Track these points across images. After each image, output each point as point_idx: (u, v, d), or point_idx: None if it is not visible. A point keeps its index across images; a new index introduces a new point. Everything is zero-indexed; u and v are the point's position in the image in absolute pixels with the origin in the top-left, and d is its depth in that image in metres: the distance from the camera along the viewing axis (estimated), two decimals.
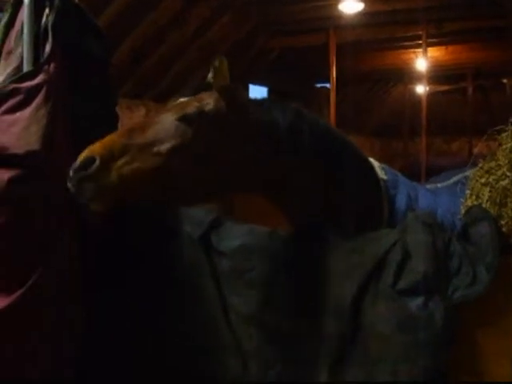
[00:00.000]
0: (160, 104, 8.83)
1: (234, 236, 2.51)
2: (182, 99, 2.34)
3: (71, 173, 2.04)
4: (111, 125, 2.59)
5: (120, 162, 2.10)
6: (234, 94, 2.32)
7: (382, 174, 2.70)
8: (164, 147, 2.16)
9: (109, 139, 2.16)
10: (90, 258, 2.40)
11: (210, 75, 2.44)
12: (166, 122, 2.22)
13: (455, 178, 2.95)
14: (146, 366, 2.47)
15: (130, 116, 8.37)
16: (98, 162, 2.05)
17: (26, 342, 2.15)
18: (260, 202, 2.53)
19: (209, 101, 2.30)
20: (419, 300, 2.13)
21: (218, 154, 2.26)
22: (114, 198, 2.15)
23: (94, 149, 2.10)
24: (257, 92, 13.11)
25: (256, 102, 2.46)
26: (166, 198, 2.31)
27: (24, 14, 2.21)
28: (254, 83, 12.55)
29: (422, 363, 2.11)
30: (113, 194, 2.12)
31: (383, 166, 2.80)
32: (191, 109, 2.25)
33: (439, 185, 3.02)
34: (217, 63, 2.32)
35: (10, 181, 2.02)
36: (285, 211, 2.53)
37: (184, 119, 2.21)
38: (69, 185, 2.05)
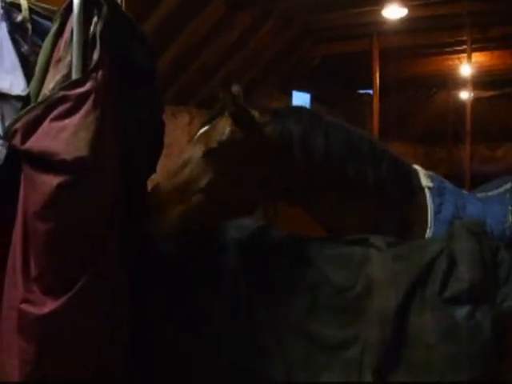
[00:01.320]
0: (203, 111, 8.91)
1: (279, 244, 2.51)
2: (201, 130, 2.50)
3: None
4: (158, 132, 2.62)
5: (169, 210, 2.42)
6: (245, 116, 2.43)
7: (427, 182, 2.66)
8: (201, 184, 2.40)
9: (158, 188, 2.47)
10: (138, 264, 2.44)
11: (234, 88, 2.67)
12: (195, 160, 2.43)
13: (507, 186, 2.87)
14: (185, 368, 2.48)
15: (174, 122, 8.45)
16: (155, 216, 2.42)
17: (73, 345, 2.18)
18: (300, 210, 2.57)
19: (224, 128, 2.44)
20: (465, 309, 2.10)
21: (246, 172, 2.43)
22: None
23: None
24: (300, 99, 13.11)
25: (272, 111, 2.53)
26: (215, 221, 2.53)
27: (73, 23, 2.24)
28: (297, 90, 12.54)
29: (468, 374, 2.08)
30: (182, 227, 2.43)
31: (430, 173, 2.76)
32: (212, 142, 2.42)
33: (490, 193, 2.95)
34: (221, 96, 2.47)
35: (59, 186, 2.06)
36: (317, 218, 2.57)
37: (208, 156, 2.40)
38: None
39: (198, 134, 2.51)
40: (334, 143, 2.45)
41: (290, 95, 12.05)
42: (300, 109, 2.63)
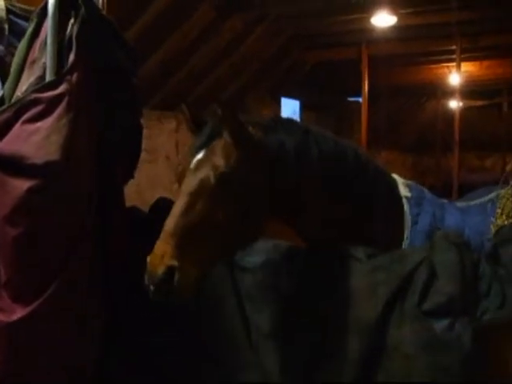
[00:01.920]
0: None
1: (258, 252, 2.47)
2: (198, 157, 2.28)
3: (153, 288, 2.06)
4: (136, 136, 2.58)
5: (193, 252, 2.12)
6: (244, 134, 2.30)
7: (405, 192, 2.63)
8: (219, 214, 2.18)
9: (169, 234, 2.12)
10: (112, 267, 2.39)
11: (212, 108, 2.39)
12: (206, 190, 2.19)
13: (491, 196, 2.84)
14: (165, 379, 2.44)
15: (160, 128, 8.41)
16: (178, 272, 2.06)
17: (44, 353, 2.14)
18: (277, 222, 2.50)
19: (227, 149, 2.26)
20: (445, 322, 2.07)
21: (253, 193, 2.27)
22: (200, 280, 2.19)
23: (165, 253, 2.08)
24: (289, 106, 13.13)
25: (264, 125, 2.41)
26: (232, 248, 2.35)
27: (48, 24, 2.20)
28: (287, 97, 12.55)
29: None
30: (199, 280, 2.17)
31: (408, 182, 2.72)
32: (219, 168, 2.22)
33: (472, 203, 2.92)
34: (221, 114, 2.26)
35: (29, 190, 2.01)
36: (299, 230, 2.50)
37: (221, 181, 2.21)
38: (154, 296, 2.09)
39: (194, 161, 2.28)
40: (324, 154, 2.40)
41: (279, 102, 12.04)
42: (290, 121, 2.56)
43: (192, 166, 2.27)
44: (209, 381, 2.41)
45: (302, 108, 13.58)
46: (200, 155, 2.27)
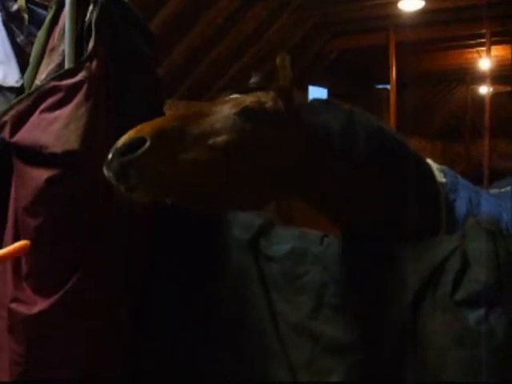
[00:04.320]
0: None
1: (285, 240, 2.42)
2: (235, 95, 2.15)
3: (112, 155, 1.75)
4: None
5: (173, 148, 1.83)
6: (293, 96, 2.15)
7: (440, 177, 2.54)
8: (221, 140, 1.92)
9: (160, 121, 1.91)
10: (136, 261, 2.35)
11: (253, 79, 2.31)
12: (224, 114, 1.99)
13: None
14: (192, 373, 2.41)
15: None
16: (148, 143, 1.77)
17: (66, 344, 2.12)
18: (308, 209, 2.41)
19: (267, 99, 2.11)
20: (479, 312, 1.99)
21: (273, 157, 2.07)
22: (161, 190, 1.88)
23: (144, 129, 1.83)
24: (316, 93, 13.05)
25: (307, 105, 2.30)
26: (217, 200, 2.08)
27: (66, 10, 2.16)
28: (314, 84, 12.45)
29: (482, 380, 1.97)
30: (161, 184, 1.86)
31: (443, 167, 2.64)
32: (251, 104, 2.04)
33: (503, 189, 2.84)
34: (279, 60, 2.10)
35: (48, 181, 1.98)
36: (335, 218, 2.39)
37: (243, 114, 1.99)
38: (106, 169, 1.76)
39: (230, 96, 2.13)
40: (370, 137, 2.29)
41: (307, 90, 11.95)
42: (333, 103, 2.43)
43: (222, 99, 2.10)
44: (233, 372, 2.37)
45: (330, 96, 13.48)
46: (235, 95, 2.13)
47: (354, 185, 2.27)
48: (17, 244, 1.45)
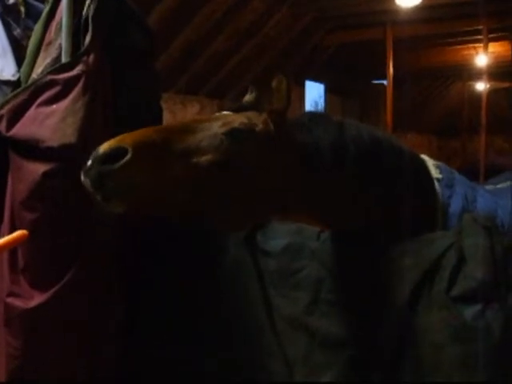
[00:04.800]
0: (214, 100, 8.82)
1: (282, 235, 2.43)
2: (225, 112, 2.12)
3: (91, 162, 1.72)
4: (155, 118, 2.52)
5: (154, 163, 1.79)
6: (285, 120, 2.12)
7: (436, 173, 2.54)
8: (205, 160, 1.88)
9: (144, 133, 1.85)
10: (130, 256, 2.35)
11: (248, 97, 2.25)
12: (211, 132, 1.94)
13: None
14: (187, 369, 2.41)
15: (183, 111, 8.37)
16: (130, 155, 1.73)
17: (62, 340, 2.11)
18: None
19: (258, 121, 2.06)
20: (475, 308, 1.99)
21: (260, 177, 2.04)
22: (137, 203, 1.83)
23: (125, 139, 1.79)
24: (313, 88, 13.05)
25: (297, 121, 2.25)
26: (197, 217, 2.04)
27: (63, 4, 2.15)
28: (311, 80, 12.44)
29: (478, 375, 1.98)
30: (138, 198, 1.80)
31: (439, 163, 2.63)
32: (240, 125, 2.00)
33: (499, 185, 2.84)
34: (275, 83, 2.04)
35: (45, 175, 1.98)
36: (330, 224, 2.37)
37: (231, 135, 1.95)
38: (83, 175, 1.73)
39: (222, 113, 2.10)
40: (360, 151, 2.27)
41: (304, 85, 11.94)
42: (323, 116, 2.40)
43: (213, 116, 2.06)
44: (230, 367, 2.37)
45: (327, 91, 13.49)
46: (227, 112, 2.09)
47: (348, 193, 2.26)
48: (15, 234, 1.45)
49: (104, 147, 1.74)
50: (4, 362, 2.09)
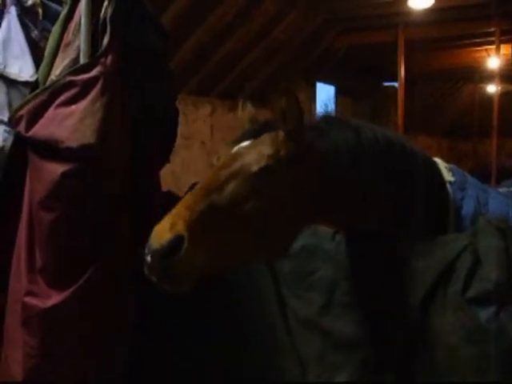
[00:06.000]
0: (225, 101, 8.83)
1: None
2: (243, 144, 2.10)
3: (151, 257, 1.78)
4: (171, 119, 2.54)
5: (209, 237, 1.86)
6: (303, 136, 2.12)
7: (448, 176, 2.54)
8: (250, 206, 1.93)
9: (185, 206, 1.88)
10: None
11: (251, 124, 2.25)
12: (245, 176, 1.97)
13: None
14: (200, 368, 2.42)
15: (195, 113, 8.40)
16: (187, 241, 1.79)
17: (78, 340, 2.13)
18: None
19: (276, 145, 2.07)
20: (490, 310, 2.00)
21: (294, 192, 2.07)
22: (205, 273, 1.90)
23: (176, 224, 1.82)
24: (324, 90, 13.02)
25: (314, 125, 2.27)
26: (249, 257, 2.12)
27: (81, 6, 2.17)
28: (322, 81, 12.42)
29: (492, 377, 1.98)
30: (205, 270, 1.88)
31: (451, 166, 2.63)
32: (268, 161, 2.01)
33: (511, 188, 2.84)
34: (284, 102, 2.03)
35: (64, 175, 2.00)
36: (345, 226, 2.39)
37: (265, 171, 1.99)
38: (147, 271, 1.80)
39: (238, 147, 2.09)
40: (376, 155, 2.28)
41: (314, 87, 11.93)
42: (340, 120, 2.41)
43: (234, 150, 2.08)
44: (244, 366, 2.38)
45: (338, 93, 13.46)
46: (246, 143, 2.09)
47: (361, 194, 2.28)
48: None
49: (160, 241, 1.80)
50: (21, 360, 2.10)
